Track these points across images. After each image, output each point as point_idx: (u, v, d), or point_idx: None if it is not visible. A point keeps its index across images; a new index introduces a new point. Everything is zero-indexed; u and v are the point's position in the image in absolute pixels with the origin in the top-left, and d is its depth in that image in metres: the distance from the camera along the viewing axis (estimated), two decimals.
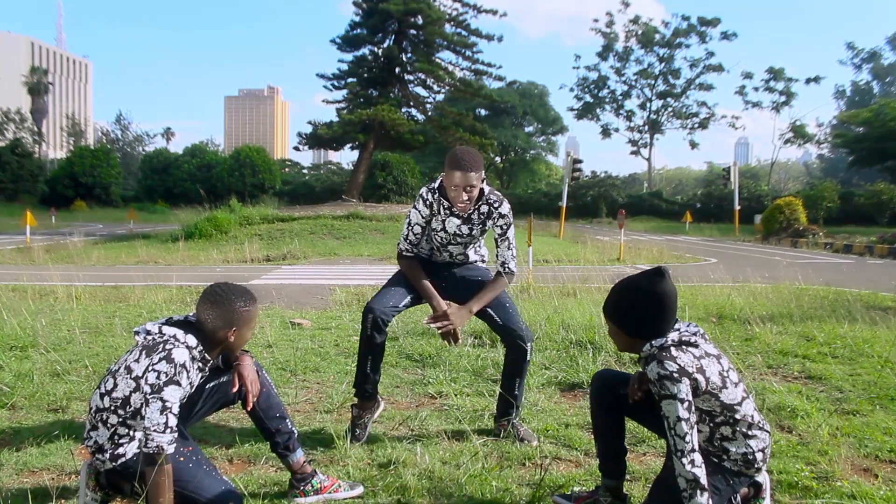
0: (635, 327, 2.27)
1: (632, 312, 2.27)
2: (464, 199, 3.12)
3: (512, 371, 3.41)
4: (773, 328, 5.93)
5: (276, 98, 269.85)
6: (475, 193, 3.14)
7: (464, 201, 3.13)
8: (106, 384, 2.34)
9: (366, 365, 3.30)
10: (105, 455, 2.34)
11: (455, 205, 3.17)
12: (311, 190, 51.46)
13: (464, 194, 3.10)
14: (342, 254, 16.63)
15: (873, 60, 64.05)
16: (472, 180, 3.07)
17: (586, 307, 6.73)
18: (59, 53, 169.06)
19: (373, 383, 3.34)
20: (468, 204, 3.16)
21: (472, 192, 3.11)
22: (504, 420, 3.40)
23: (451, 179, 3.09)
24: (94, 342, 5.41)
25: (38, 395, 3.91)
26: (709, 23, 58.04)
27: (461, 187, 3.08)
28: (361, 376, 3.32)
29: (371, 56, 34.28)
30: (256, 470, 2.96)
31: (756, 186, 46.96)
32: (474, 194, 3.14)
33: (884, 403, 3.90)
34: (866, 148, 40.81)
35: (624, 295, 2.31)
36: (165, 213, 40.56)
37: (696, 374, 2.15)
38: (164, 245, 17.77)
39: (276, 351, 5.21)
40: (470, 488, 2.73)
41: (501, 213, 3.26)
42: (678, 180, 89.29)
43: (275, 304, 7.80)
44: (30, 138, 63.72)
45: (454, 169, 3.07)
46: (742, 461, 2.27)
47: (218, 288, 2.43)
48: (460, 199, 3.12)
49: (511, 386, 3.39)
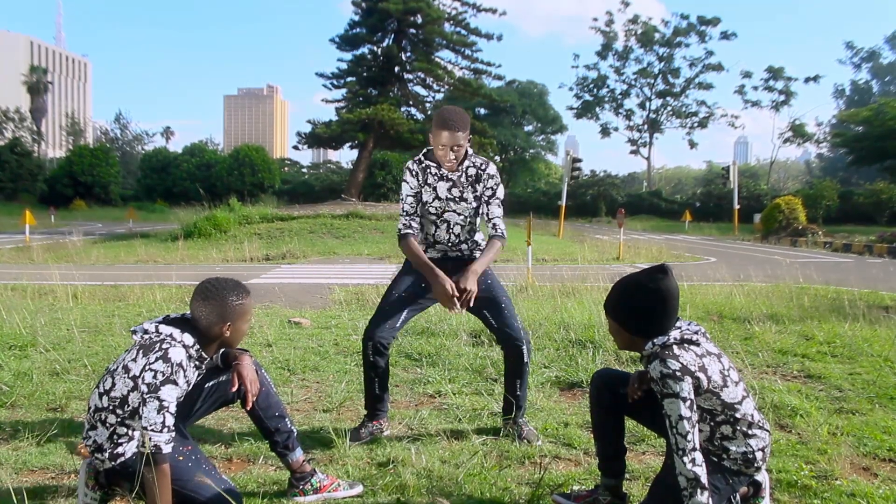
0: (637, 325, 2.26)
1: (634, 310, 2.26)
2: (451, 158, 3.20)
3: (512, 373, 3.41)
4: (773, 327, 5.93)
5: (275, 97, 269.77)
6: (462, 152, 3.23)
7: (451, 160, 3.22)
8: (104, 383, 2.33)
9: (373, 387, 3.38)
10: (104, 454, 2.34)
11: (443, 164, 3.25)
12: (310, 189, 51.48)
13: (451, 153, 3.19)
14: (341, 253, 16.63)
15: (872, 59, 64.11)
16: (459, 139, 3.16)
17: (586, 306, 6.74)
18: (58, 52, 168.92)
19: (384, 402, 3.44)
20: (454, 163, 3.24)
21: (459, 151, 3.21)
22: (508, 419, 3.41)
23: (438, 139, 3.17)
24: (93, 341, 5.41)
25: (37, 395, 3.91)
26: (708, 22, 58.06)
27: (448, 146, 3.17)
28: (371, 398, 3.41)
29: (370, 55, 34.28)
30: (256, 469, 2.96)
31: (755, 185, 47.02)
32: (461, 153, 3.23)
33: (883, 402, 3.90)
34: (866, 147, 40.84)
35: (626, 292, 2.30)
36: (165, 212, 40.56)
37: (697, 372, 2.15)
38: (164, 244, 17.77)
39: (276, 350, 5.20)
40: (469, 487, 2.73)
41: (490, 173, 3.33)
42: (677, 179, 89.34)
43: (274, 303, 7.79)
44: (29, 137, 63.72)
45: (441, 129, 3.15)
46: (742, 460, 2.27)
47: (209, 284, 2.41)
48: (448, 159, 3.21)
49: (513, 387, 3.40)
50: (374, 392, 3.39)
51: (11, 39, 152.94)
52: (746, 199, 38.54)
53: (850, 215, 35.08)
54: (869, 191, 36.79)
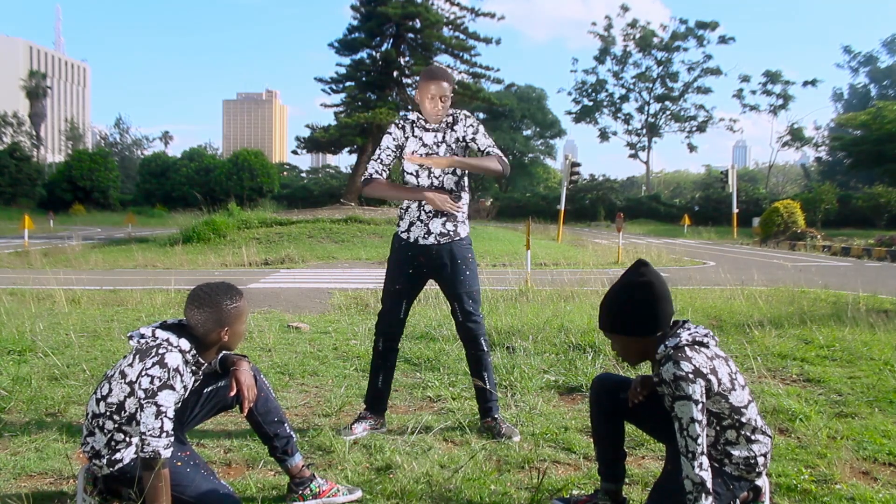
0: (643, 324, 2.25)
1: (634, 310, 2.25)
2: (439, 108, 3.37)
3: (476, 367, 3.56)
4: (772, 331, 5.93)
5: (274, 102, 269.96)
6: (448, 104, 3.40)
7: (439, 110, 3.37)
8: (102, 389, 2.33)
9: (377, 381, 3.56)
10: (102, 461, 2.33)
11: (431, 116, 3.40)
12: (309, 193, 51.48)
13: (440, 103, 3.35)
14: (340, 257, 16.62)
15: (870, 63, 64.15)
16: (445, 90, 3.35)
17: (585, 310, 6.74)
18: (57, 57, 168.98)
19: (384, 399, 3.59)
20: (442, 113, 3.40)
21: (446, 102, 3.38)
22: (488, 418, 3.52)
23: (426, 91, 3.34)
24: (92, 346, 5.40)
25: (35, 399, 3.90)
26: (706, 26, 58.16)
27: (437, 97, 3.34)
28: (374, 392, 3.57)
29: (369, 59, 34.31)
30: (254, 474, 2.95)
31: (754, 189, 47.06)
32: (447, 104, 3.40)
33: (882, 406, 3.90)
34: (864, 151, 40.87)
35: (619, 297, 2.30)
36: (163, 216, 40.47)
37: (709, 374, 2.14)
38: (163, 249, 17.75)
39: (275, 355, 5.20)
40: (468, 492, 2.73)
41: (465, 114, 3.50)
42: (676, 183, 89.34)
43: (273, 307, 7.78)
44: (28, 142, 63.63)
45: (430, 80, 3.34)
46: (744, 465, 2.26)
47: (201, 290, 2.41)
48: (436, 109, 3.37)
49: (480, 380, 3.53)
50: (378, 386, 3.56)
51: (10, 44, 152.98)
52: (745, 203, 38.55)
53: (849, 219, 35.10)
54: (867, 194, 36.79)
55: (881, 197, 35.27)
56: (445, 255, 3.46)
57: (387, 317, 3.56)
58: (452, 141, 3.45)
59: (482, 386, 3.51)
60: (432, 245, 3.45)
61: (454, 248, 3.47)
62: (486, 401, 3.53)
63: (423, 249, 3.46)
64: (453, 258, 3.46)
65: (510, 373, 4.55)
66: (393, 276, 3.55)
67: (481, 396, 3.55)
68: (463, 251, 3.49)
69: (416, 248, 3.47)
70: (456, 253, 3.47)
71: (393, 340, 3.60)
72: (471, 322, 3.50)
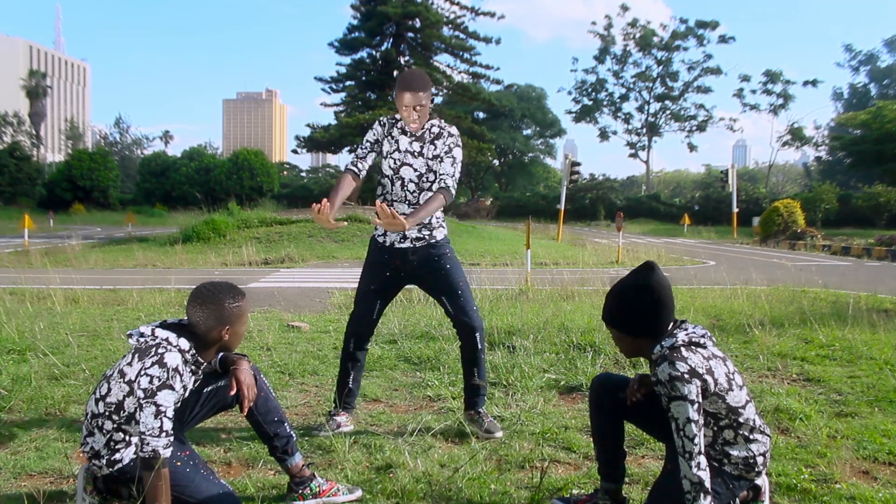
0: (641, 326, 2.26)
1: (635, 311, 2.26)
2: (414, 117, 3.33)
3: (468, 360, 3.55)
4: (772, 330, 5.93)
5: (274, 101, 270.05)
6: (425, 112, 3.36)
7: (415, 119, 3.34)
8: (101, 389, 2.33)
9: (347, 381, 3.58)
10: (101, 461, 2.33)
11: (408, 125, 3.38)
12: (309, 193, 51.41)
13: (414, 113, 3.31)
14: (340, 257, 16.61)
15: (870, 63, 64.12)
16: (420, 100, 3.29)
17: (585, 310, 6.74)
18: (57, 57, 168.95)
19: (354, 396, 3.63)
20: (418, 122, 3.36)
21: (422, 111, 3.33)
22: (472, 410, 3.54)
23: (401, 100, 3.30)
24: (91, 345, 5.40)
25: (35, 399, 3.90)
26: (706, 25, 58.16)
27: (411, 107, 3.30)
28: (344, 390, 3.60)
29: (369, 59, 34.36)
30: (254, 473, 2.95)
31: (754, 189, 47.04)
32: (424, 113, 3.36)
33: (883, 406, 3.90)
34: (864, 150, 40.90)
35: (622, 297, 2.30)
36: (163, 216, 40.50)
37: (705, 374, 2.14)
38: (162, 248, 17.75)
39: (275, 354, 5.20)
40: (468, 491, 2.73)
41: (451, 132, 3.45)
42: (676, 183, 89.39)
43: (273, 307, 7.78)
44: (28, 141, 63.59)
45: (403, 90, 3.28)
46: (743, 465, 2.26)
47: (204, 288, 2.41)
48: (412, 119, 3.33)
49: (470, 375, 3.53)
50: (348, 386, 3.59)
51: (10, 44, 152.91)
52: (745, 203, 38.55)
53: (849, 218, 35.09)
54: (867, 194, 36.76)
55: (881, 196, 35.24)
56: (421, 258, 3.47)
57: (359, 318, 3.58)
58: (430, 156, 3.41)
59: (473, 381, 3.52)
60: (408, 249, 3.46)
61: (430, 250, 3.48)
62: (474, 394, 3.55)
63: (398, 253, 3.47)
64: (430, 259, 3.47)
65: (510, 372, 4.54)
66: (369, 278, 3.57)
67: (469, 388, 3.57)
68: (439, 250, 3.50)
69: (392, 251, 3.48)
70: (432, 253, 3.48)
71: (364, 341, 3.62)
72: (465, 316, 3.49)
